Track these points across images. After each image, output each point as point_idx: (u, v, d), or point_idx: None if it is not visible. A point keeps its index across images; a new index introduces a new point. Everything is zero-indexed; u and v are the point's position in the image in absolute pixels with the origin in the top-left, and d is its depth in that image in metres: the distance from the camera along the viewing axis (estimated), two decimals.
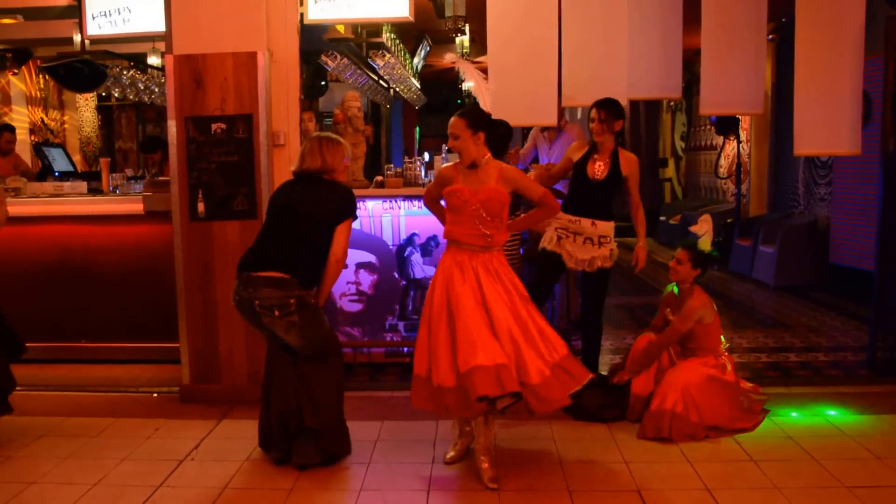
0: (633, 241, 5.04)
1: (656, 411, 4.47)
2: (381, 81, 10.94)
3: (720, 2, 5.46)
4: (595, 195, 4.93)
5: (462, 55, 10.77)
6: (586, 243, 4.90)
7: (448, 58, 5.42)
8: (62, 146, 10.16)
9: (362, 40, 9.04)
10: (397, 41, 9.29)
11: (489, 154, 4.08)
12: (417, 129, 17.01)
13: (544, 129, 6.41)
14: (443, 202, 4.25)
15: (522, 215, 4.46)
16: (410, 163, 6.09)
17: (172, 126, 5.15)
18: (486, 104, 4.86)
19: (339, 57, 7.91)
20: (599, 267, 4.93)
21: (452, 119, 4.02)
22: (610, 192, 4.93)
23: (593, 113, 4.85)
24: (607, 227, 4.92)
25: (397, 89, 11.39)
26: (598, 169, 4.88)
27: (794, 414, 4.80)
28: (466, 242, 4.01)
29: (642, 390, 4.67)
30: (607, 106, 4.85)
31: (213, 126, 5.09)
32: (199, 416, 4.94)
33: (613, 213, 4.97)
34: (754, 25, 5.48)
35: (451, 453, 4.23)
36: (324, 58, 7.78)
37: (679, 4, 5.52)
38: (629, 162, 4.92)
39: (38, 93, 11.55)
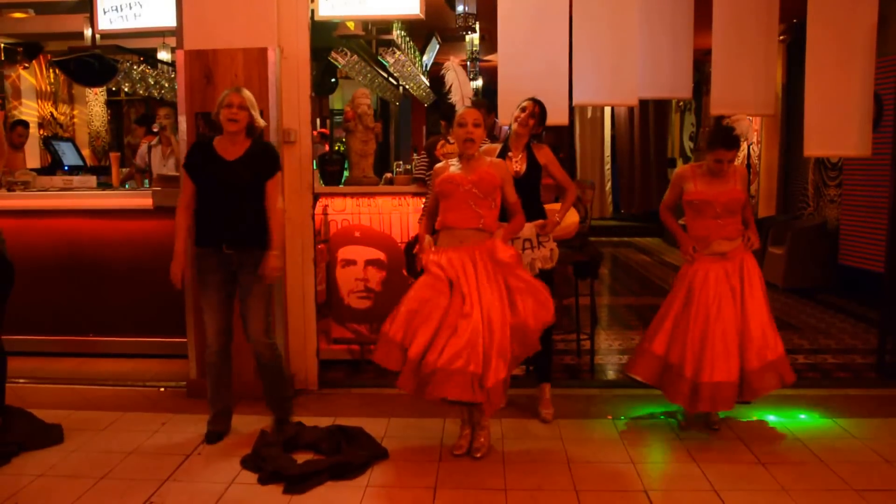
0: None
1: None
2: (390, 79, 10.95)
3: (731, 2, 5.44)
4: (519, 193, 4.62)
5: (472, 53, 10.78)
6: (526, 247, 4.73)
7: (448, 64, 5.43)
8: (72, 140, 10.20)
9: (372, 37, 9.05)
10: (407, 38, 9.29)
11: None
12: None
13: None
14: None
15: (502, 229, 4.29)
16: (419, 160, 6.09)
17: (183, 121, 5.15)
18: (460, 102, 4.79)
19: (349, 54, 7.91)
20: (541, 269, 4.74)
21: (471, 111, 4.23)
22: (534, 185, 4.79)
23: (529, 105, 4.73)
24: None
25: (407, 86, 11.40)
26: (517, 164, 4.76)
27: (802, 416, 4.79)
28: (460, 227, 4.15)
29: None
30: (543, 105, 4.78)
31: None
32: (206, 410, 4.91)
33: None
34: (765, 26, 5.46)
35: (459, 443, 4.30)
36: (334, 55, 7.79)
37: (690, 4, 5.51)
38: (542, 151, 4.84)
39: (48, 87, 11.59)
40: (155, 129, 7.84)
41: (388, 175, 6.26)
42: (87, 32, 7.62)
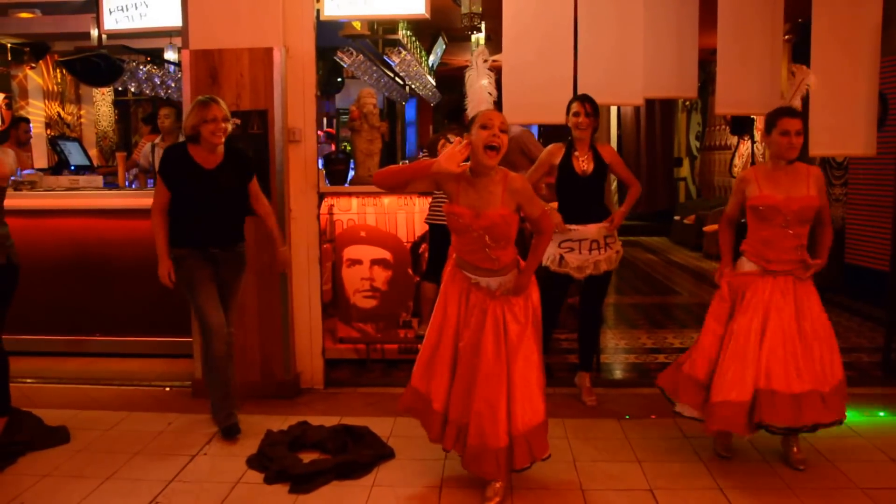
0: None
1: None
2: (396, 78, 10.96)
3: (736, 2, 5.43)
4: (588, 192, 4.89)
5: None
6: (593, 248, 4.88)
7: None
8: (78, 140, 10.23)
9: (378, 37, 9.07)
10: (413, 38, 9.30)
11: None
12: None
13: None
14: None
15: (527, 262, 3.75)
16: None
17: None
18: (480, 104, 4.34)
19: (355, 53, 7.92)
20: (605, 270, 4.94)
21: (498, 113, 3.61)
22: (601, 184, 4.94)
23: (578, 107, 4.81)
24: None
25: (413, 86, 11.41)
26: (584, 163, 4.86)
27: None
28: (475, 265, 3.67)
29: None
30: (592, 100, 4.85)
31: None
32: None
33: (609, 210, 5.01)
34: (770, 26, 5.45)
35: None
36: (340, 54, 7.80)
37: (695, 4, 5.50)
38: (607, 150, 4.96)
39: (55, 87, 11.63)
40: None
41: None
42: (94, 32, 7.65)
